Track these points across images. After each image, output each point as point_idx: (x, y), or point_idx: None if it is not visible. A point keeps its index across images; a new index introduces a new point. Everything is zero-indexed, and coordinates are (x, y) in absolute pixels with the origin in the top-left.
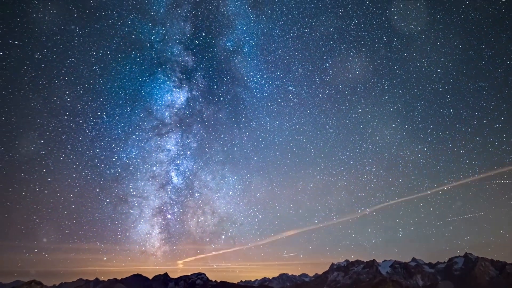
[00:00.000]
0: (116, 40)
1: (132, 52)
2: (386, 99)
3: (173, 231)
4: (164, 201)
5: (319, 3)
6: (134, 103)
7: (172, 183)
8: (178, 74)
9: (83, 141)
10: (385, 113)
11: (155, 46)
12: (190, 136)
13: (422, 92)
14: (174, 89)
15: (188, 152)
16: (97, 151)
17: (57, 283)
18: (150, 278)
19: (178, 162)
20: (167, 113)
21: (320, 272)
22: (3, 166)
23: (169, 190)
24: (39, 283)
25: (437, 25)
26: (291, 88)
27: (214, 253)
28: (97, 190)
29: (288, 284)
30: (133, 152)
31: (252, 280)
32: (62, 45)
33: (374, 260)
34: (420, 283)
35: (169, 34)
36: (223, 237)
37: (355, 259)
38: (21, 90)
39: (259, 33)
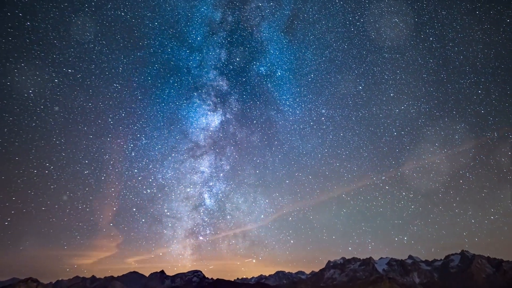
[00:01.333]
0: (156, 67)
1: (170, 78)
2: (423, 121)
3: (204, 253)
4: (196, 222)
5: (352, 27)
6: (171, 126)
7: (205, 204)
8: (213, 98)
9: (123, 162)
10: (422, 136)
11: (192, 71)
12: (223, 158)
13: (461, 115)
14: (209, 113)
15: (221, 174)
16: (135, 172)
17: (53, 281)
18: (147, 275)
19: (211, 184)
20: (201, 136)
21: (316, 270)
22: (51, 184)
23: (202, 212)
24: (36, 281)
25: (476, 45)
26: (323, 111)
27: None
28: (134, 209)
29: (285, 281)
30: (168, 173)
31: (249, 277)
32: (108, 72)
33: (370, 257)
34: (417, 280)
35: (205, 60)
36: (254, 261)
37: (351, 257)
38: (71, 114)
39: (292, 58)
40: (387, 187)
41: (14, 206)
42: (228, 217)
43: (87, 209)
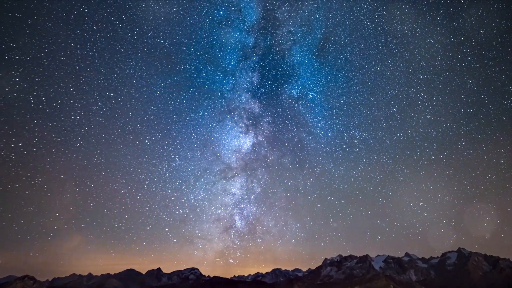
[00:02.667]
0: (191, 90)
1: (204, 101)
2: (463, 145)
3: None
4: (227, 245)
5: (384, 49)
6: (204, 148)
7: (235, 226)
8: (245, 121)
9: (158, 182)
10: (462, 161)
11: (225, 95)
12: (254, 180)
13: (506, 138)
14: (241, 135)
15: (252, 197)
16: (168, 192)
17: (50, 278)
18: (143, 273)
19: (242, 206)
20: (233, 158)
21: (313, 267)
22: (91, 202)
23: (232, 234)
24: (32, 278)
25: None
26: (356, 133)
27: None
28: (166, 229)
29: (281, 279)
30: (200, 194)
31: (245, 275)
32: (146, 95)
33: (367, 255)
34: (414, 278)
35: (238, 84)
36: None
37: (348, 254)
38: (111, 135)
39: (323, 80)
40: (425, 214)
41: (57, 222)
42: (258, 240)
43: (122, 227)
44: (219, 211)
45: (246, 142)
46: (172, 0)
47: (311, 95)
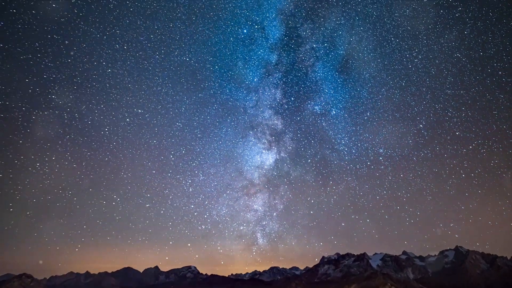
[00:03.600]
0: (215, 107)
1: (228, 117)
2: (496, 162)
3: None
4: (248, 262)
5: (409, 64)
6: (227, 163)
7: (257, 244)
8: (268, 137)
9: (181, 197)
10: (496, 180)
11: (248, 111)
12: (277, 197)
13: None
14: (263, 151)
15: (275, 214)
16: (191, 207)
17: (48, 277)
18: (141, 271)
19: (264, 223)
20: (256, 174)
21: (310, 265)
22: (116, 215)
23: (254, 251)
24: (30, 277)
25: None
26: (381, 150)
27: None
28: (188, 245)
29: (279, 277)
30: (223, 210)
31: (243, 273)
32: (172, 111)
33: (364, 253)
34: (411, 276)
35: (261, 100)
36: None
37: (345, 252)
38: (138, 150)
39: (347, 96)
40: (456, 236)
41: (84, 234)
42: (281, 258)
43: (146, 241)
44: (241, 228)
45: (269, 158)
46: (198, 20)
47: (335, 111)
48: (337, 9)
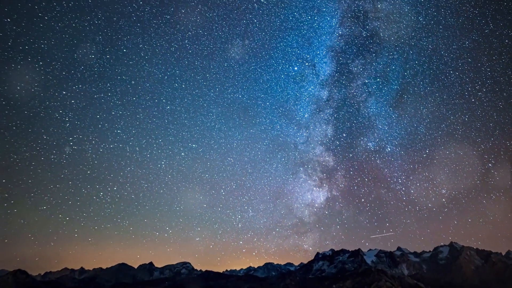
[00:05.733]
0: (266, 142)
1: (278, 153)
2: None
3: None
4: None
5: (472, 98)
6: (276, 200)
7: None
8: (319, 174)
9: (230, 232)
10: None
11: (299, 147)
12: (328, 238)
13: None
14: (314, 188)
15: None
16: (240, 243)
17: (42, 272)
18: (135, 267)
19: None
20: (306, 212)
21: (305, 261)
22: (168, 247)
23: None
24: (24, 273)
25: None
26: (443, 191)
27: None
28: None
29: (273, 273)
30: (272, 249)
31: (237, 269)
32: (224, 147)
33: (359, 249)
34: (406, 272)
35: (312, 136)
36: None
37: (340, 248)
38: (190, 184)
39: (403, 133)
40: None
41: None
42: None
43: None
44: None
45: (320, 196)
46: (251, 59)
47: (389, 148)
48: (389, 44)
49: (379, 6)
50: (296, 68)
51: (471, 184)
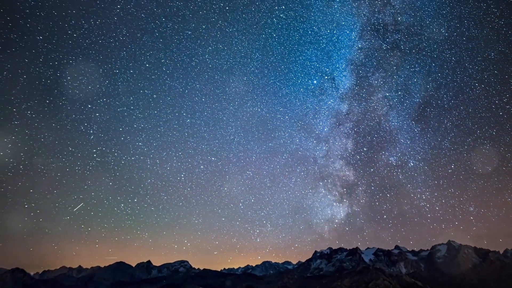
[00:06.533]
0: (285, 156)
1: (297, 167)
2: None
3: None
4: None
5: (499, 111)
6: (295, 215)
7: None
8: (339, 189)
9: (248, 246)
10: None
11: (318, 161)
12: None
13: None
14: (334, 204)
15: None
16: (258, 258)
17: (40, 271)
18: (133, 265)
19: None
20: (326, 228)
21: (303, 260)
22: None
23: None
24: (22, 271)
25: None
26: (471, 208)
27: None
28: None
29: (271, 271)
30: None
31: (235, 267)
32: (243, 160)
33: (357, 247)
34: (403, 270)
35: (331, 150)
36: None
37: (338, 247)
38: (209, 197)
39: (426, 147)
40: None
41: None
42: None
43: None
44: None
45: (340, 211)
46: (270, 73)
47: (412, 163)
48: (410, 56)
49: (399, 19)
50: (315, 82)
51: (501, 202)
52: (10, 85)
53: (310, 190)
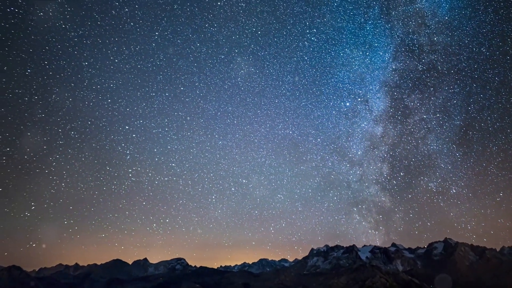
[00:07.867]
0: (317, 180)
1: (330, 191)
2: None
3: None
4: None
5: None
6: (329, 241)
7: None
8: (375, 215)
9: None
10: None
11: (352, 186)
12: None
13: None
14: (370, 231)
15: None
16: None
17: (37, 268)
18: (130, 263)
19: None
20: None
21: (299, 257)
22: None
23: None
24: (19, 269)
25: None
26: None
27: None
28: None
29: (268, 269)
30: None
31: (232, 265)
32: (274, 183)
33: (354, 245)
34: (400, 268)
35: (365, 175)
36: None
37: (335, 244)
38: (239, 220)
39: (470, 173)
40: None
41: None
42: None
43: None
44: None
45: (376, 239)
46: (301, 95)
47: (455, 189)
48: (448, 77)
49: (435, 39)
50: (348, 104)
51: None
52: (57, 107)
53: (344, 216)
